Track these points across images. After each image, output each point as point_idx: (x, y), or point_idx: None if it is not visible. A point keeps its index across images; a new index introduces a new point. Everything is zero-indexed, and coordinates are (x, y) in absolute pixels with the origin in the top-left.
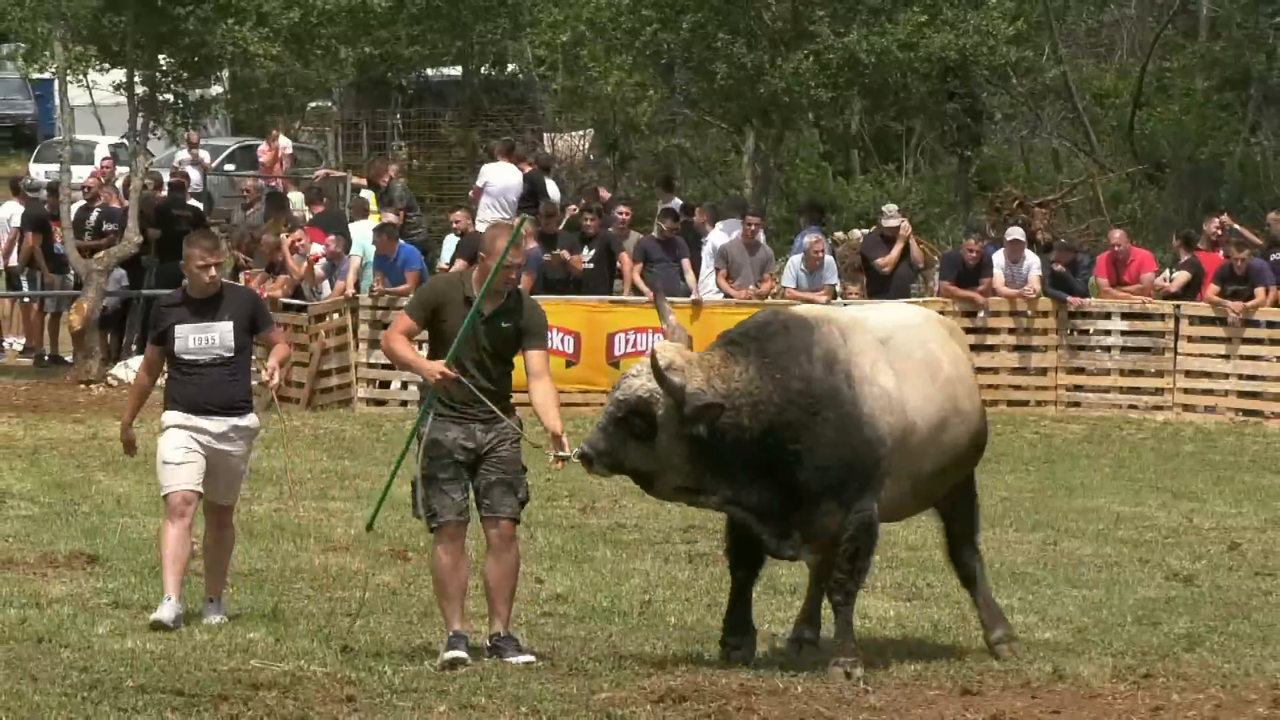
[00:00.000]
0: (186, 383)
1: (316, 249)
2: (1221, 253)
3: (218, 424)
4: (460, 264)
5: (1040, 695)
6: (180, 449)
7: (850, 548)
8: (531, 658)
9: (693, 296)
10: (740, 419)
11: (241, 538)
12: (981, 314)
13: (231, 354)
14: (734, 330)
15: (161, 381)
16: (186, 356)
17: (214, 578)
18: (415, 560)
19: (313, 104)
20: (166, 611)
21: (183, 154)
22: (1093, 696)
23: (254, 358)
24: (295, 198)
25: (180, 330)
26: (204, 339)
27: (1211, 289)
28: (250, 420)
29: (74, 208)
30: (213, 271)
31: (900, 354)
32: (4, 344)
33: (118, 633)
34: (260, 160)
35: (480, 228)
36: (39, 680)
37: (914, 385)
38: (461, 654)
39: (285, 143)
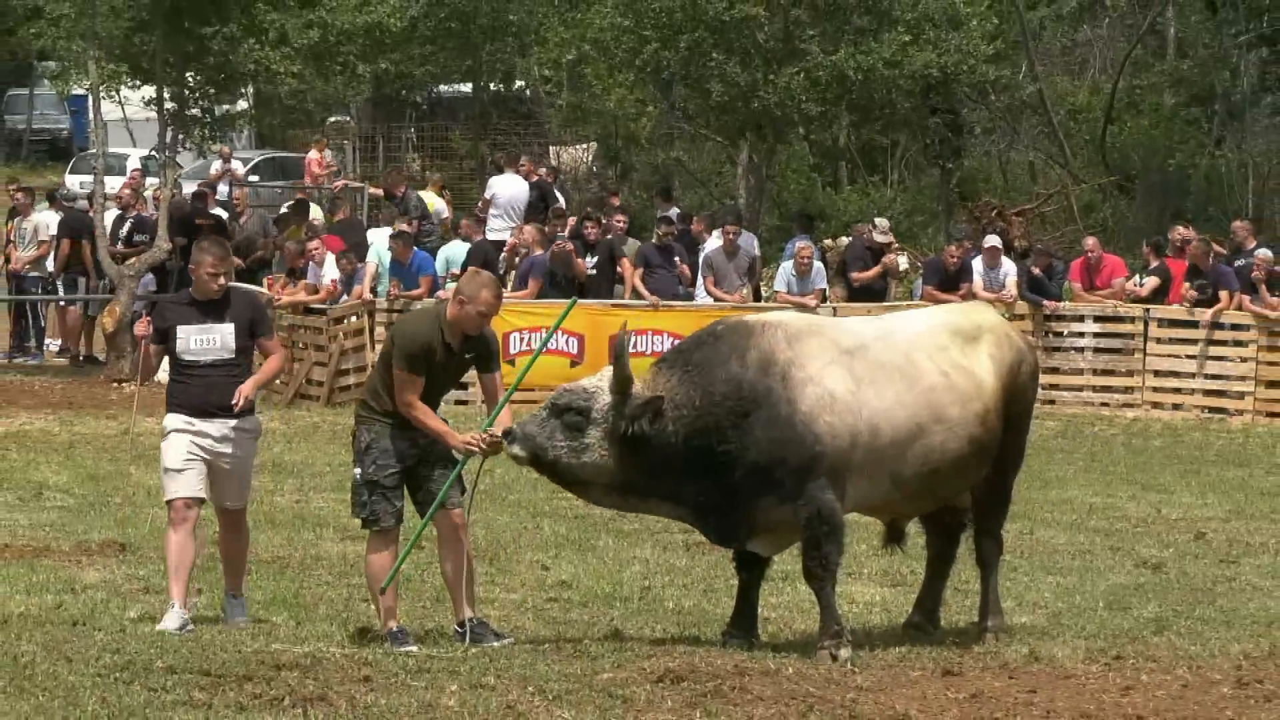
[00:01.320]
0: (188, 384)
1: (329, 273)
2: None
3: (218, 426)
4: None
5: (1017, 676)
6: (181, 455)
7: (810, 536)
8: (510, 639)
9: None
10: (664, 425)
11: (264, 526)
12: None
13: (232, 355)
14: (671, 348)
15: (163, 378)
16: (188, 357)
17: (233, 575)
18: (429, 549)
19: (332, 118)
20: (172, 621)
21: (217, 165)
22: (1067, 677)
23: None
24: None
25: (183, 331)
26: (206, 340)
27: (1184, 286)
28: (251, 422)
29: (109, 217)
30: (221, 280)
31: (872, 361)
32: (44, 346)
33: (148, 616)
34: (312, 169)
35: (491, 236)
36: (74, 661)
37: (881, 391)
38: (413, 646)
39: (328, 153)
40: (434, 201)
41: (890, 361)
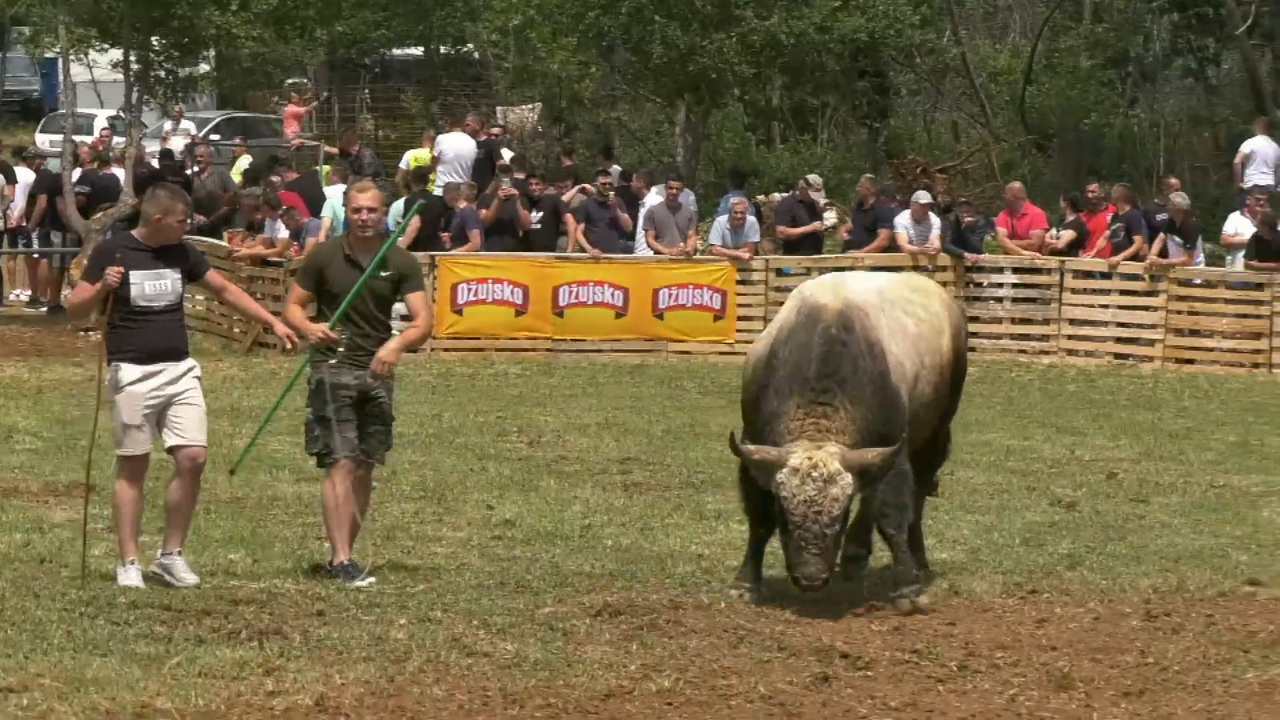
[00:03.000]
0: (142, 330)
1: (282, 232)
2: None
3: (174, 368)
4: (416, 221)
5: (938, 609)
6: (139, 411)
7: (890, 491)
8: (373, 579)
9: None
10: (864, 445)
11: (222, 468)
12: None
13: (178, 300)
14: (809, 372)
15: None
16: (142, 303)
17: (179, 531)
18: (379, 488)
19: (290, 80)
20: (134, 576)
21: (168, 125)
22: (985, 610)
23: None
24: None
25: (136, 276)
26: (159, 285)
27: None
28: (195, 363)
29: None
30: (184, 228)
31: (887, 319)
32: (9, 296)
33: (112, 555)
34: (294, 114)
35: (437, 192)
36: (41, 597)
37: (896, 345)
38: (363, 582)
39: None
40: (426, 156)
41: (889, 314)
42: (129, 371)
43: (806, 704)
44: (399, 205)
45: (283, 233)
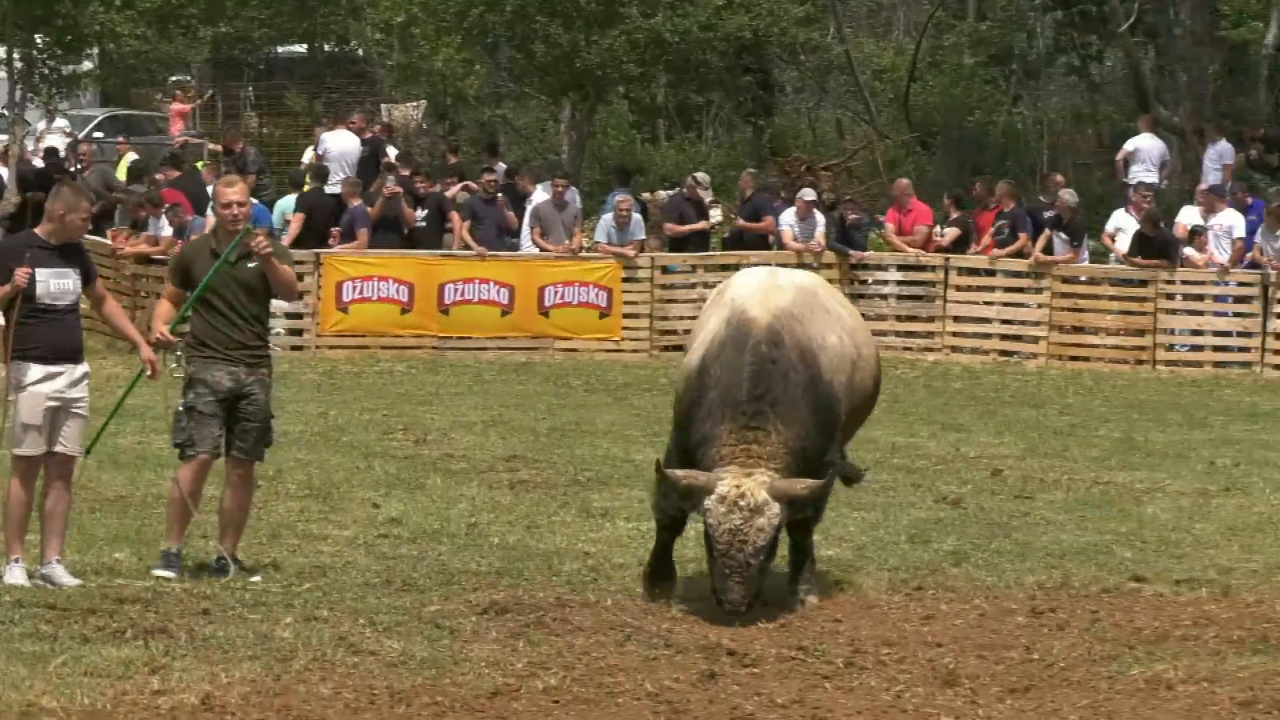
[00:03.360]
0: (44, 328)
1: (166, 230)
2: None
3: (71, 370)
4: (299, 217)
5: (824, 605)
6: (39, 411)
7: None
8: (258, 578)
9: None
10: (798, 462)
11: (108, 466)
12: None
13: (77, 300)
14: (739, 395)
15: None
16: (46, 300)
17: (58, 538)
18: (264, 486)
19: (173, 78)
20: (19, 575)
21: (42, 124)
22: (871, 607)
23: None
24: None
25: (41, 274)
26: (63, 284)
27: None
28: (88, 368)
29: None
30: (87, 226)
31: (823, 312)
32: None
33: None
34: (179, 112)
35: (332, 190)
36: None
37: (838, 337)
38: (173, 573)
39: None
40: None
41: (826, 305)
42: (33, 371)
43: (693, 701)
44: (288, 201)
45: (167, 230)
